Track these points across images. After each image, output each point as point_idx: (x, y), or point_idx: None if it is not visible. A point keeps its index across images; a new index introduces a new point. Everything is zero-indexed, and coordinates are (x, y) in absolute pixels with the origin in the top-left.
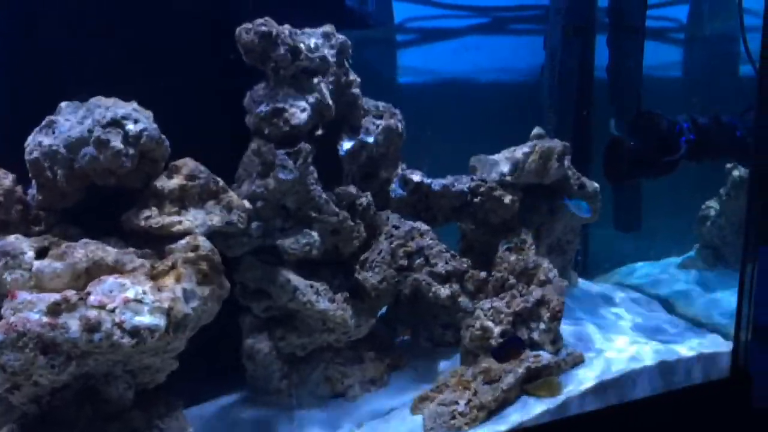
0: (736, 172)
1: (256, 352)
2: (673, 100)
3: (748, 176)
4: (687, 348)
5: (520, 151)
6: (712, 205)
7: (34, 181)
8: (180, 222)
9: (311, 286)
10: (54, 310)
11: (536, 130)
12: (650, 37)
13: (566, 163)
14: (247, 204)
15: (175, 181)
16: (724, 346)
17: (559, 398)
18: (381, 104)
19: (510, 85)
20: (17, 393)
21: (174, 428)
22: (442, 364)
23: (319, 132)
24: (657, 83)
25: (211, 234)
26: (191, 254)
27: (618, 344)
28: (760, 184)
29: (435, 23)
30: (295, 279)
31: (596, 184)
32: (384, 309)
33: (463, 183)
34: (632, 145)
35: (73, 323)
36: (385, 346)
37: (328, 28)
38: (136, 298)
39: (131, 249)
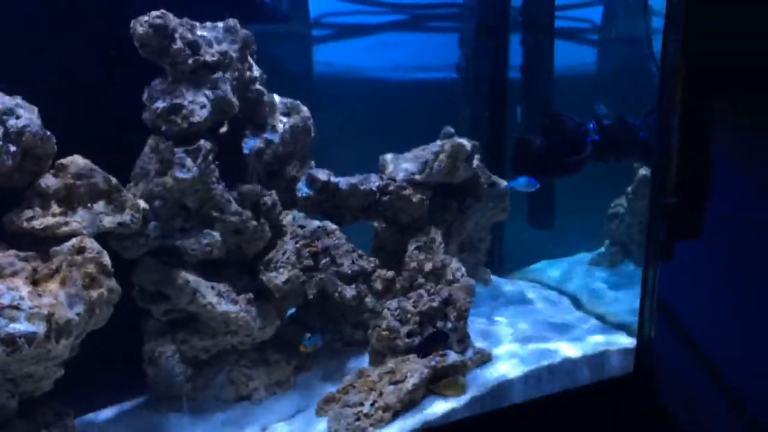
0: (642, 171)
1: (157, 357)
2: (586, 100)
3: (650, 176)
4: (593, 344)
5: (429, 151)
6: (621, 203)
7: None
8: (66, 223)
9: (212, 288)
10: None
11: (446, 129)
12: (564, 38)
13: (475, 162)
14: (142, 203)
15: (62, 180)
16: (628, 342)
17: (464, 397)
18: (289, 101)
19: (426, 83)
20: None
21: None
22: (352, 364)
23: (224, 129)
24: (570, 83)
25: (104, 235)
26: (77, 257)
27: (526, 341)
28: (661, 184)
29: (352, 19)
30: (195, 280)
31: (506, 183)
32: (294, 309)
33: (372, 182)
34: (539, 144)
35: None
36: (292, 348)
37: (230, 22)
38: (11, 305)
39: (12, 252)
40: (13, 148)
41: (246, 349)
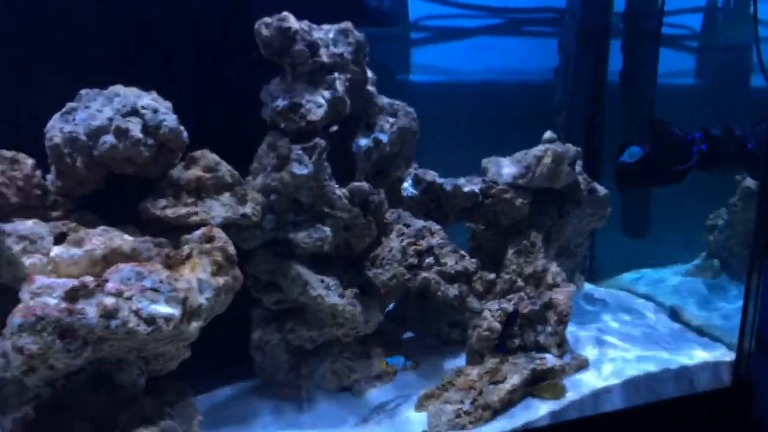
0: (745, 183)
1: (264, 344)
2: (684, 108)
3: (758, 188)
4: (690, 356)
5: (532, 155)
6: (720, 215)
7: (53, 167)
8: (196, 213)
9: (322, 281)
10: (72, 295)
11: (548, 134)
12: (664, 44)
13: (578, 168)
14: (261, 197)
15: (193, 172)
16: (726, 355)
17: (563, 401)
18: (396, 102)
19: (522, 87)
20: (33, 375)
21: (184, 416)
22: (448, 363)
23: (334, 128)
24: (669, 91)
25: (225, 226)
26: (206, 245)
27: (622, 350)
28: None
29: (449, 22)
30: (307, 273)
31: (606, 190)
32: (392, 305)
33: (475, 184)
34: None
35: (90, 309)
36: (392, 343)
37: (345, 24)
38: (152, 287)
39: (147, 238)
40: (150, 141)
41: (349, 341)
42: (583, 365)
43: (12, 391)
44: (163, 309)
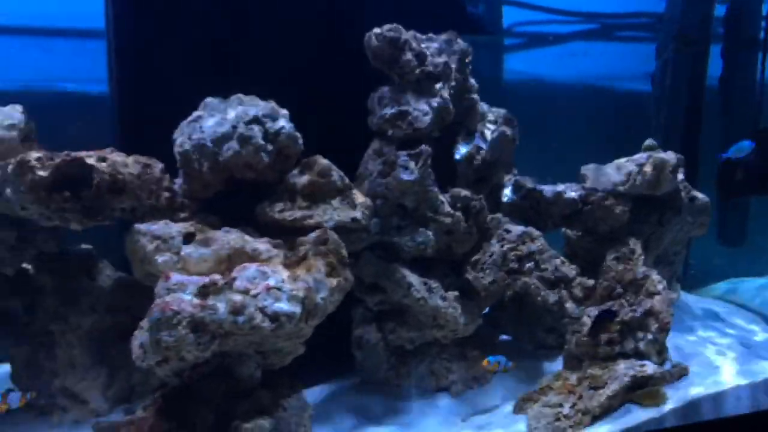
0: None
1: (365, 343)
2: None
3: None
4: None
5: (633, 163)
6: None
7: (181, 171)
8: (311, 216)
9: (425, 283)
10: (203, 292)
11: (648, 142)
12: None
13: (679, 176)
14: (369, 202)
15: (307, 177)
16: None
17: (663, 408)
18: (496, 110)
19: (615, 92)
20: (165, 366)
21: (296, 408)
22: (544, 367)
23: (435, 134)
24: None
25: (334, 229)
26: (321, 247)
27: (722, 359)
28: None
29: (542, 28)
30: (410, 276)
31: (707, 198)
32: (487, 309)
33: (575, 191)
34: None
35: (220, 305)
36: (488, 346)
37: (450, 34)
38: (276, 286)
39: (266, 239)
40: (270, 147)
41: (447, 343)
42: (683, 373)
43: (138, 380)
44: (285, 307)
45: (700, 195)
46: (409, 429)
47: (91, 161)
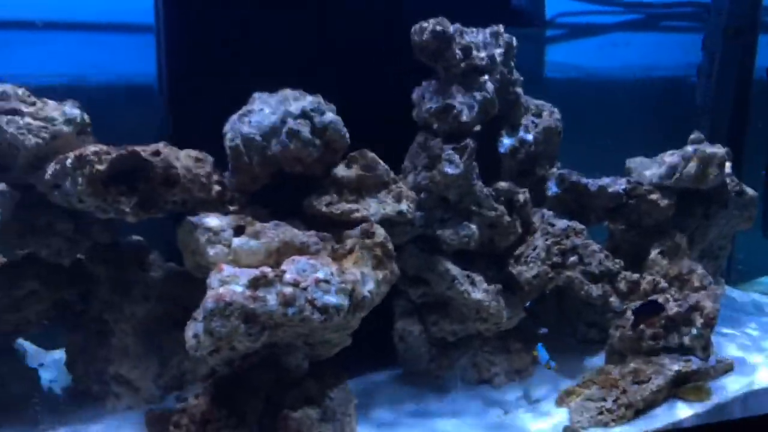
0: None
1: (407, 335)
2: None
3: None
4: None
5: (678, 156)
6: None
7: (231, 165)
8: (357, 209)
9: (468, 276)
10: (255, 284)
11: (695, 135)
12: None
13: (726, 169)
14: (414, 195)
15: (354, 171)
16: None
17: (708, 404)
18: (540, 102)
19: (659, 83)
20: (216, 356)
21: (341, 399)
22: (586, 361)
23: (479, 128)
24: None
25: (379, 221)
26: (367, 240)
27: (767, 354)
28: None
29: (585, 19)
30: (454, 269)
31: (755, 192)
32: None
33: (619, 185)
34: None
35: (271, 297)
36: (530, 339)
37: (496, 27)
38: (325, 279)
39: (313, 232)
40: (317, 141)
41: (490, 336)
42: (728, 369)
43: (188, 368)
44: (334, 299)
45: (747, 189)
46: (452, 420)
47: (146, 155)
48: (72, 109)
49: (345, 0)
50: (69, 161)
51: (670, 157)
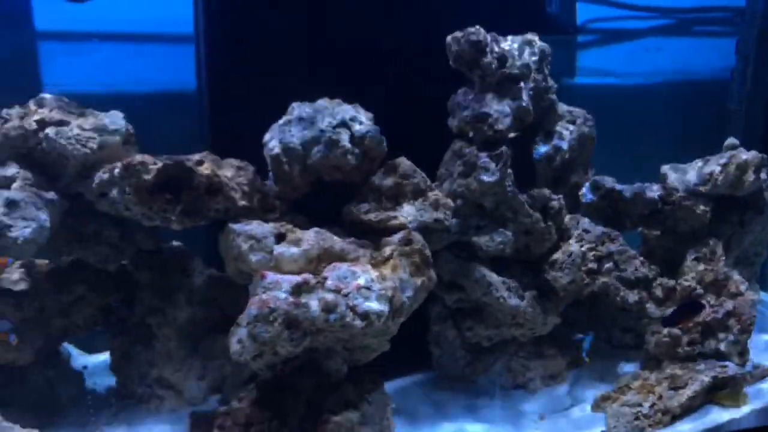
0: None
1: (442, 339)
2: None
3: None
4: None
5: (714, 162)
6: None
7: (271, 173)
8: (395, 217)
9: (503, 283)
10: (297, 290)
11: (731, 140)
12: None
13: (763, 176)
14: (451, 202)
15: (392, 179)
16: None
17: (745, 410)
18: (575, 109)
19: (691, 88)
20: (259, 360)
21: (379, 402)
22: (621, 367)
23: (512, 135)
24: None
25: (417, 229)
26: (406, 248)
27: None
28: None
29: (616, 24)
30: (490, 275)
31: None
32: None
33: (654, 191)
34: None
35: (313, 303)
36: (565, 344)
37: (530, 35)
38: (365, 285)
39: (353, 239)
40: (356, 150)
41: (525, 341)
42: (765, 374)
43: (229, 371)
44: (375, 306)
45: None
46: (486, 424)
47: (190, 164)
48: (118, 120)
49: (387, 9)
50: (117, 171)
51: (706, 164)
